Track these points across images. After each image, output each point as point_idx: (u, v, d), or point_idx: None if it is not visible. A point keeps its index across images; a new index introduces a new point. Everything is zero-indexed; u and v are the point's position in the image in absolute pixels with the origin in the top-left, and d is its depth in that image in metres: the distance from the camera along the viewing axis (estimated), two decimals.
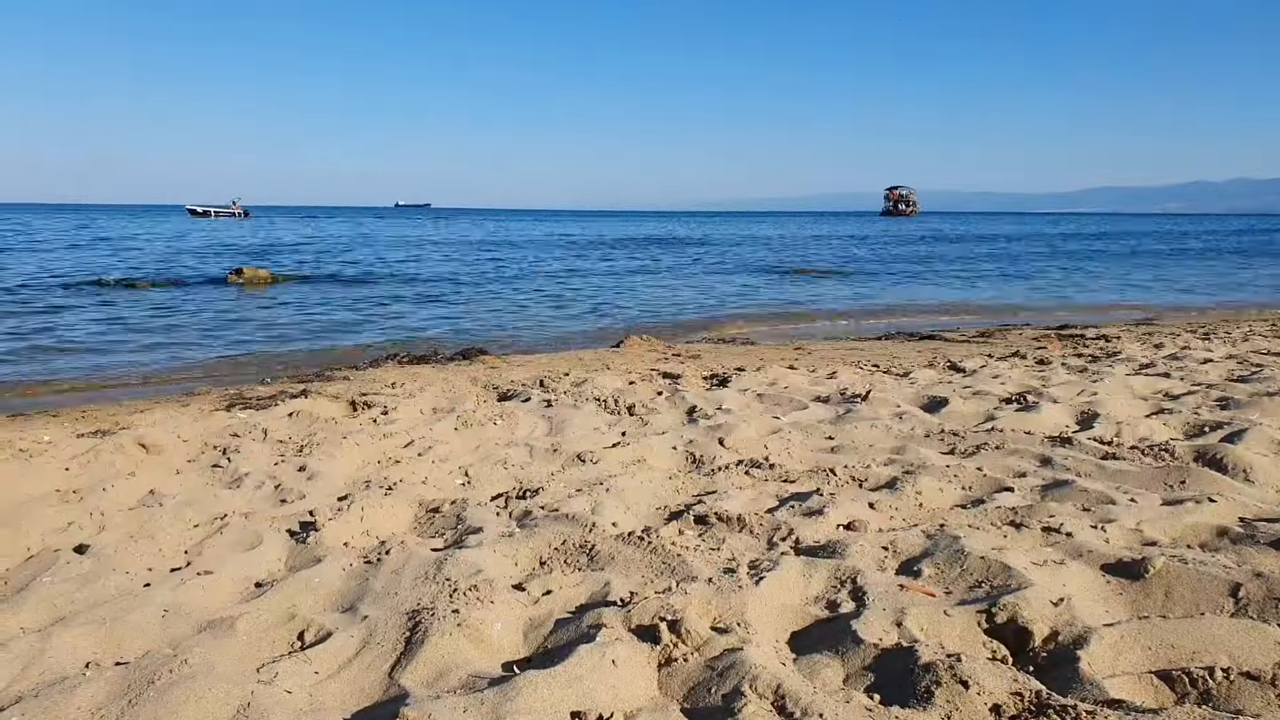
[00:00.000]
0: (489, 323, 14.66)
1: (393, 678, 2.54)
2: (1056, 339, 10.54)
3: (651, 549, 3.43)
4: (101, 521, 3.83)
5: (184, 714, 2.28)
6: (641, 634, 2.72)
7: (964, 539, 3.37)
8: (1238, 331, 10.88)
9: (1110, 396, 6.26)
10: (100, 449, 4.96)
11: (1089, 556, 3.22)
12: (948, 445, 5.06)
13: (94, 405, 7.20)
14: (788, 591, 3.06)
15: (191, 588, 3.13)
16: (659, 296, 19.29)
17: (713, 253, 37.86)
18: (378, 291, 19.65)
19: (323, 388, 7.24)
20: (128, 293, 18.15)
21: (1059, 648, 2.61)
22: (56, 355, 10.72)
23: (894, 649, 2.60)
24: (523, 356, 10.06)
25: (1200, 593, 2.92)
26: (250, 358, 10.76)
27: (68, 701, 2.31)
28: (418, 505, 4.14)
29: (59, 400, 8.09)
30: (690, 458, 5.02)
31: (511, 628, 2.83)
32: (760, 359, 9.23)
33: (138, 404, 7.14)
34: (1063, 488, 4.09)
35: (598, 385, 7.18)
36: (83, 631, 2.74)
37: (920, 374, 7.60)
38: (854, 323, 14.99)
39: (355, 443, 5.25)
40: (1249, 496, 3.96)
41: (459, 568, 3.21)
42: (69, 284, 19.24)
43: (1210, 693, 2.36)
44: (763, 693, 2.37)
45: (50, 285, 18.91)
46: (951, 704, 2.30)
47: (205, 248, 35.44)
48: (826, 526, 3.71)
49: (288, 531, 3.78)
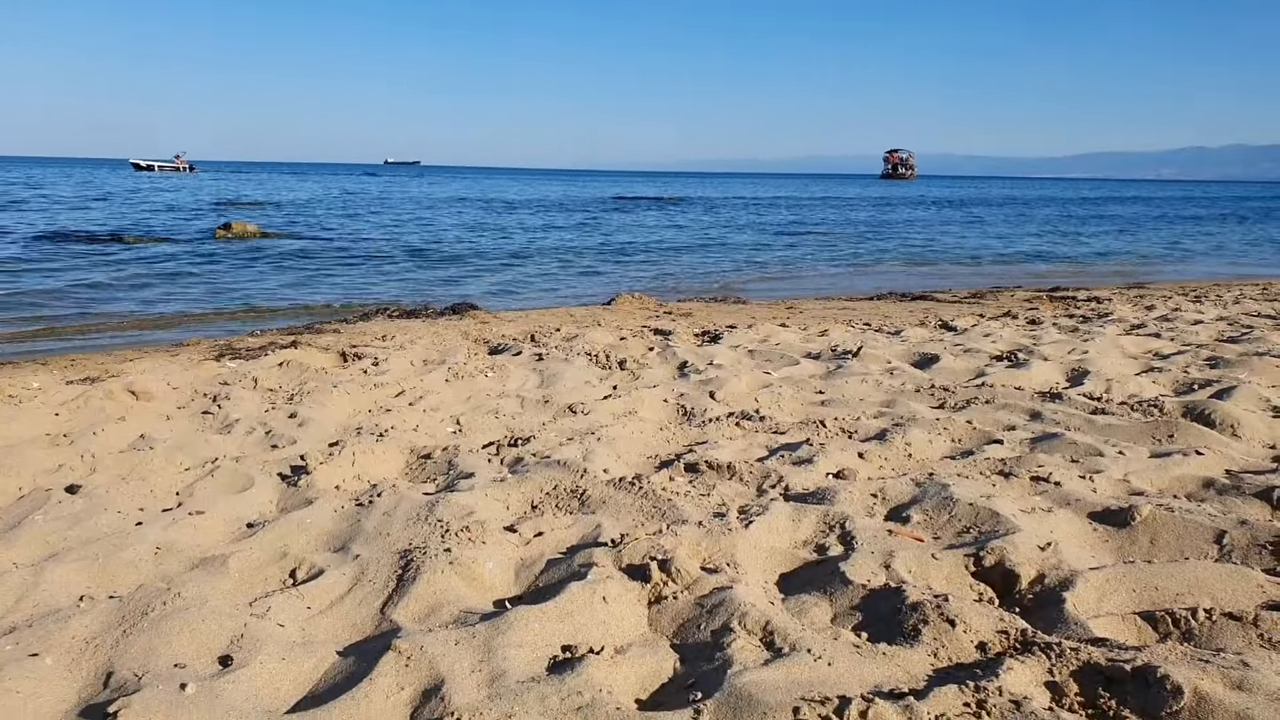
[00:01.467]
0: (479, 279, 14.59)
1: (384, 613, 2.56)
2: (1048, 300, 10.56)
3: (642, 494, 3.44)
4: (92, 464, 3.82)
5: (178, 644, 2.29)
6: (632, 573, 2.74)
7: (953, 487, 3.40)
8: (1229, 295, 10.92)
9: (1101, 355, 6.29)
10: (90, 395, 4.93)
11: (1077, 505, 3.25)
12: (938, 400, 5.08)
13: (83, 354, 7.16)
14: (777, 535, 3.08)
15: (183, 526, 3.13)
16: (653, 256, 19.21)
17: (710, 213, 37.66)
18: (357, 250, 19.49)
19: (313, 339, 7.21)
20: (117, 246, 17.98)
21: (1045, 590, 2.65)
22: (43, 305, 10.64)
23: (882, 589, 2.63)
24: (513, 312, 10.03)
25: (1185, 539, 2.95)
26: (238, 311, 10.70)
27: (62, 630, 2.32)
28: (409, 452, 4.15)
29: (48, 348, 8.04)
30: (681, 410, 5.02)
31: (503, 567, 2.85)
32: (752, 317, 9.23)
33: (126, 353, 7.10)
34: (1052, 440, 4.12)
35: (589, 340, 7.18)
36: (75, 566, 2.75)
37: (911, 332, 7.61)
38: (849, 280, 14.99)
39: (346, 392, 5.24)
40: (1236, 450, 4.00)
41: (451, 509, 3.22)
42: (52, 236, 19.03)
43: (1192, 632, 2.39)
44: (751, 629, 2.40)
45: (30, 239, 18.70)
46: (938, 641, 2.33)
47: (180, 202, 34.56)
48: (816, 475, 3.73)
49: (279, 475, 3.78)
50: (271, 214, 30.02)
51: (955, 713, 1.96)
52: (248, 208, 33.06)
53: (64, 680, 2.15)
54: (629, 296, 10.74)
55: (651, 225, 29.90)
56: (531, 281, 14.62)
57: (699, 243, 23.09)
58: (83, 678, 2.17)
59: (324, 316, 10.05)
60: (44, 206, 29.65)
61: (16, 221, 23.20)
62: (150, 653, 2.25)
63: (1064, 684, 2.11)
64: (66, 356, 6.99)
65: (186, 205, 32.90)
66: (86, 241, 18.53)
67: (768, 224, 31.37)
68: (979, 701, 1.99)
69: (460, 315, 9.28)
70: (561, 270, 16.52)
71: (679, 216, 35.31)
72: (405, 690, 2.11)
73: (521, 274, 15.80)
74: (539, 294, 13.06)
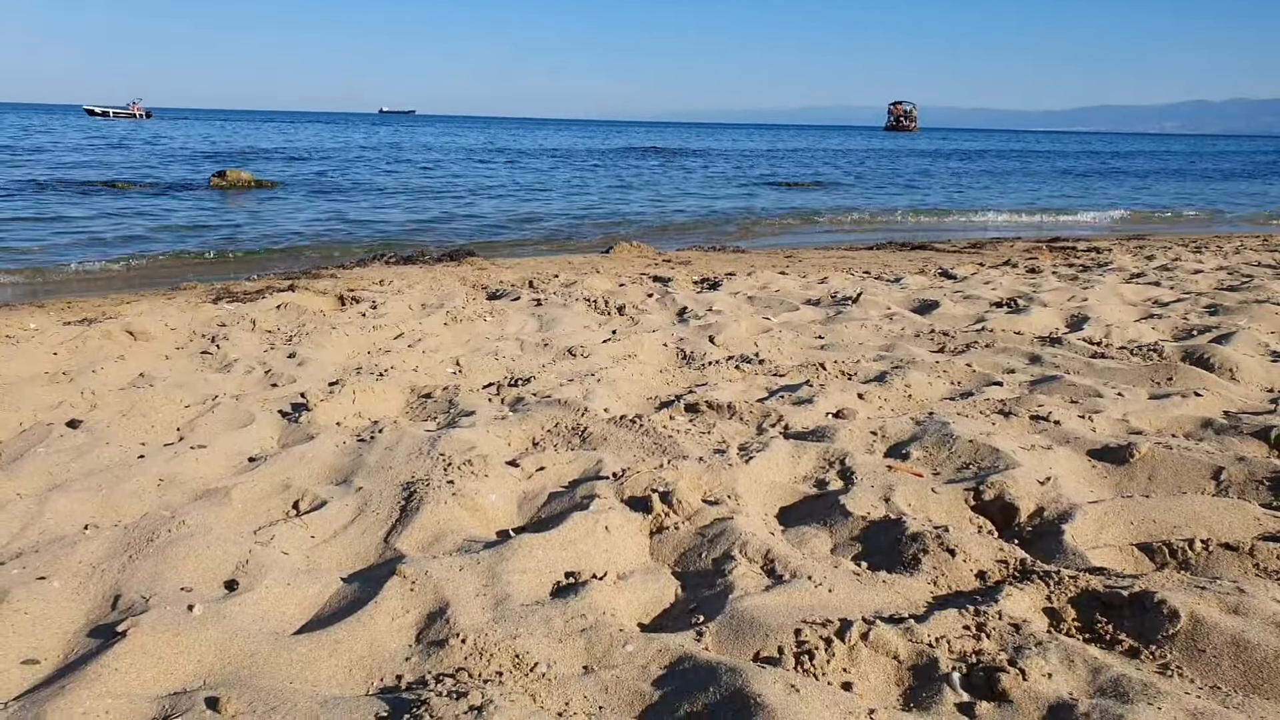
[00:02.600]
0: (476, 226, 14.47)
1: (388, 542, 2.58)
2: (1048, 250, 10.52)
3: (643, 431, 3.45)
4: (92, 400, 3.82)
5: (183, 569, 2.31)
6: (634, 504, 2.75)
7: (953, 425, 3.41)
8: (1229, 245, 10.88)
9: (1100, 302, 6.28)
10: (88, 335, 4.92)
11: (1076, 443, 3.27)
12: (937, 344, 5.08)
13: (79, 298, 7.12)
14: (777, 470, 3.10)
15: (185, 460, 3.14)
16: (652, 205, 19.06)
17: (709, 164, 37.22)
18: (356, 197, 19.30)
19: (310, 284, 7.17)
20: (110, 194, 17.80)
21: (1044, 523, 2.67)
22: (37, 251, 10.55)
23: (881, 521, 2.65)
24: (511, 259, 9.98)
25: (1183, 476, 2.97)
26: (234, 257, 10.64)
27: (68, 556, 2.34)
28: (409, 391, 4.15)
29: (44, 291, 7.99)
30: (681, 354, 5.02)
31: (506, 499, 2.87)
32: (751, 265, 9.19)
33: (123, 296, 7.06)
34: (1051, 382, 4.13)
35: (587, 286, 7.15)
36: (79, 497, 2.75)
37: (911, 280, 7.59)
38: (848, 234, 14.90)
39: (345, 333, 5.23)
40: (1234, 393, 4.01)
41: (453, 444, 3.23)
42: (42, 183, 18.83)
43: (1189, 562, 2.42)
44: (752, 557, 2.42)
45: (25, 186, 18.49)
46: (938, 570, 2.35)
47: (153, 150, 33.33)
48: (815, 414, 3.74)
49: (279, 412, 3.78)
50: (298, 167, 27.59)
51: (955, 635, 1.98)
52: (265, 160, 30.24)
53: (72, 602, 2.16)
54: (627, 245, 10.68)
55: (650, 174, 29.63)
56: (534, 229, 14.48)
57: (697, 192, 22.90)
58: (90, 600, 2.19)
59: (321, 261, 9.99)
60: (24, 152, 29.05)
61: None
62: (156, 577, 2.27)
63: (1062, 610, 2.14)
64: (62, 299, 6.96)
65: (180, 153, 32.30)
66: (79, 189, 18.33)
67: (767, 175, 31.08)
68: (979, 625, 2.02)
69: (458, 262, 9.23)
70: (556, 216, 16.37)
71: (679, 166, 34.96)
72: (410, 613, 2.13)
73: (521, 219, 15.64)
74: (538, 241, 12.96)
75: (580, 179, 26.52)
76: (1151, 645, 1.98)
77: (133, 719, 1.74)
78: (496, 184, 23.83)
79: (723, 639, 2.02)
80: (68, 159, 26.94)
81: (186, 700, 1.79)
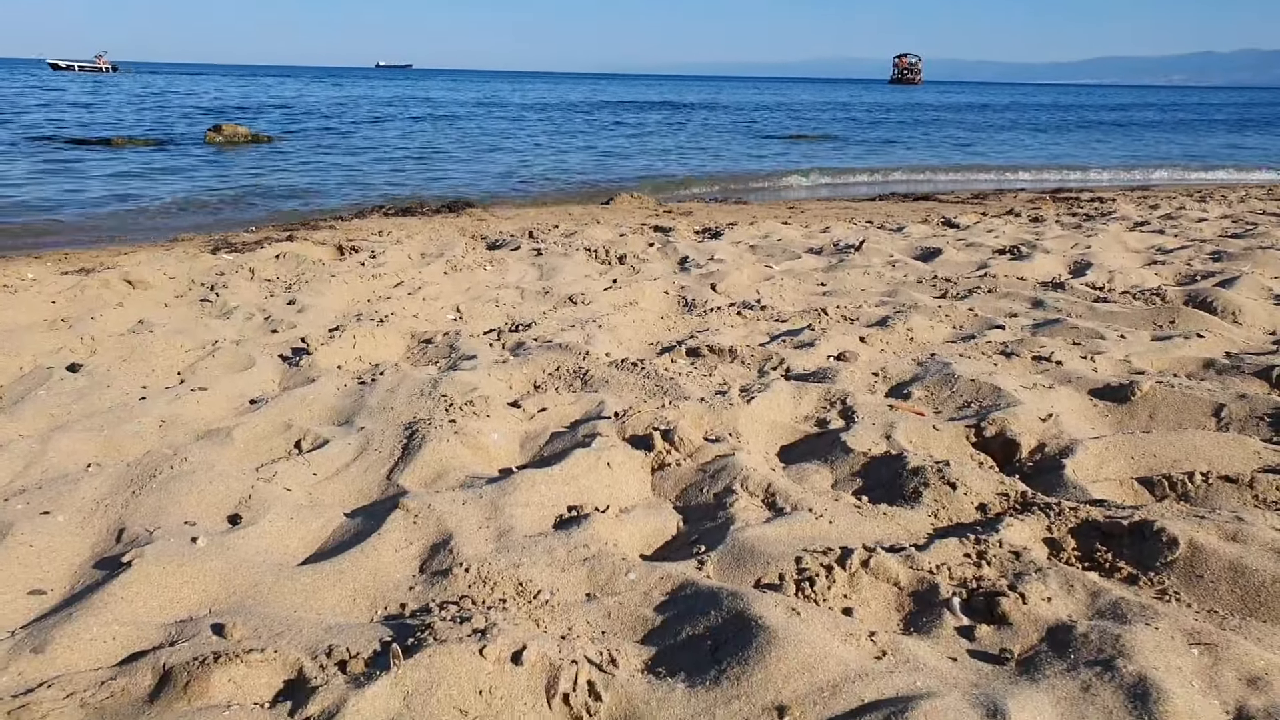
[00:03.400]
0: (474, 178, 14.35)
1: (391, 479, 2.59)
2: (1051, 200, 10.44)
3: (645, 374, 3.45)
4: (92, 345, 3.81)
5: (186, 504, 2.32)
6: (635, 442, 2.76)
7: (954, 365, 3.40)
8: (1234, 195, 10.80)
9: (1103, 249, 6.24)
10: (86, 284, 4.90)
11: (1078, 382, 3.26)
12: (940, 290, 5.06)
13: (76, 250, 7.08)
14: (778, 410, 3.10)
15: (187, 402, 3.14)
16: (655, 159, 18.88)
17: (713, 118, 36.73)
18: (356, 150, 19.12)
19: (308, 234, 7.13)
20: (107, 150, 17.62)
21: (1045, 458, 2.67)
22: (33, 209, 10.47)
23: (882, 457, 2.65)
24: (510, 210, 9.91)
25: (1185, 413, 2.97)
26: (231, 207, 10.56)
27: (72, 492, 2.35)
28: (410, 337, 4.14)
29: (40, 244, 7.94)
30: (682, 300, 5.00)
31: (508, 438, 2.87)
32: (753, 216, 9.13)
33: (120, 248, 7.03)
34: (1053, 325, 4.12)
35: (588, 236, 7.10)
36: (82, 437, 2.76)
37: (914, 229, 7.54)
38: (849, 188, 14.78)
39: (344, 281, 5.20)
40: (1237, 335, 4.00)
41: (454, 386, 3.23)
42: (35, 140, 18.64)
43: (1189, 495, 2.43)
44: (753, 491, 2.43)
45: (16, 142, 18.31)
46: (939, 502, 2.36)
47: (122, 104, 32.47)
48: (817, 357, 3.73)
49: (279, 356, 3.77)
50: (295, 121, 26.83)
51: (956, 563, 1.99)
52: (258, 115, 29.11)
53: (77, 536, 2.18)
54: (628, 196, 10.60)
55: (653, 128, 29.31)
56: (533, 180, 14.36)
57: (700, 145, 22.66)
58: (95, 533, 2.20)
59: (319, 213, 9.92)
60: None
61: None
62: (160, 511, 2.28)
63: (1062, 540, 2.15)
64: (59, 251, 6.92)
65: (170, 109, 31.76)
66: (74, 145, 18.14)
67: (771, 128, 30.73)
68: (979, 553, 2.03)
69: (457, 213, 9.17)
70: (556, 168, 16.23)
71: (682, 120, 34.55)
72: (413, 545, 2.14)
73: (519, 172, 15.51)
74: (537, 193, 12.86)
75: (581, 133, 26.24)
76: (1150, 572, 1.99)
77: (140, 644, 1.75)
78: (496, 136, 23.60)
79: (724, 567, 2.03)
80: (55, 116, 26.56)
81: (192, 627, 1.80)
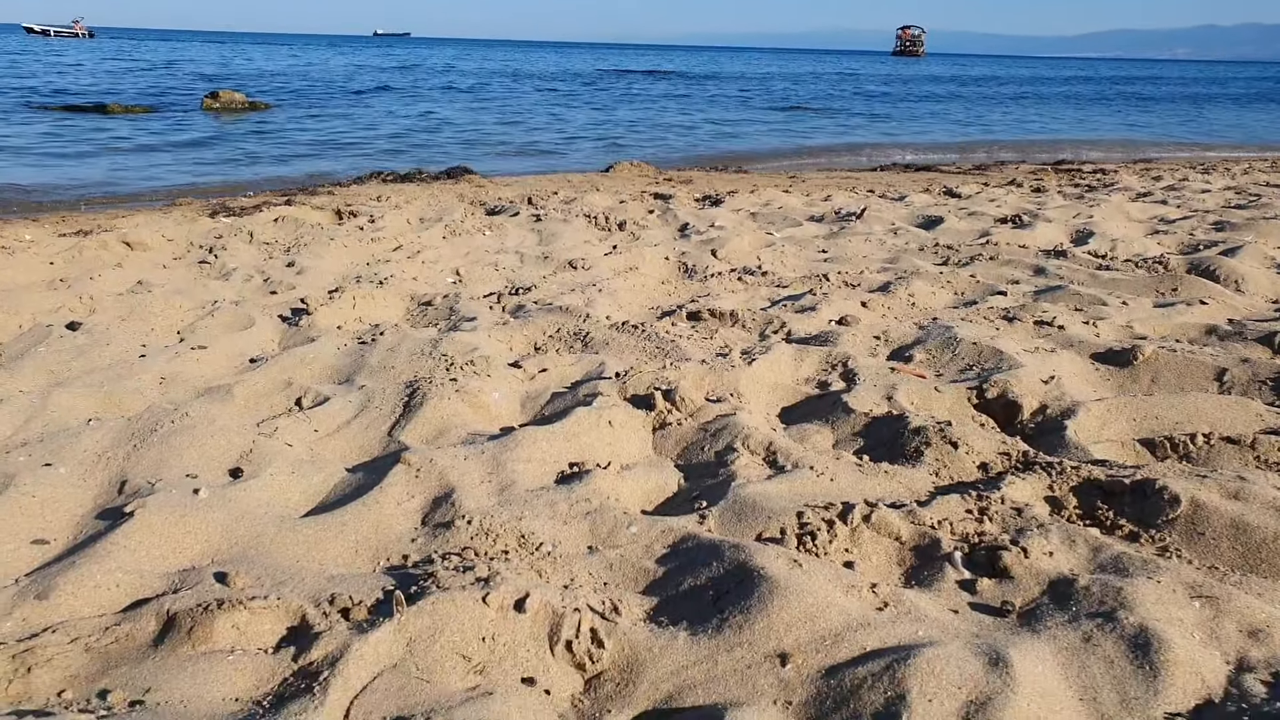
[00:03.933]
0: (472, 144, 14.26)
1: (392, 435, 2.58)
2: (1053, 172, 10.39)
3: (645, 336, 3.44)
4: (91, 305, 3.80)
5: (188, 457, 2.32)
6: (636, 402, 2.76)
7: (956, 329, 3.40)
8: (1238, 168, 10.74)
9: (1106, 219, 6.22)
10: (84, 246, 4.87)
11: (1080, 346, 3.26)
12: (941, 257, 5.04)
13: (73, 213, 7.03)
14: (779, 372, 3.09)
15: (187, 360, 3.13)
16: (652, 129, 18.75)
17: (716, 88, 36.39)
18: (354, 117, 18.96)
19: (307, 199, 7.08)
20: (101, 116, 17.47)
21: (1046, 419, 2.67)
22: (32, 171, 10.39)
23: (884, 417, 2.65)
24: (509, 177, 9.84)
25: (1186, 377, 2.97)
26: (231, 174, 10.50)
27: (74, 445, 2.34)
28: (409, 299, 4.12)
29: (39, 209, 7.89)
30: (683, 266, 4.98)
31: (509, 398, 2.86)
32: (754, 184, 9.08)
33: (118, 211, 6.98)
34: (1055, 291, 4.11)
35: (587, 203, 7.06)
36: (82, 393, 2.75)
37: (916, 198, 7.50)
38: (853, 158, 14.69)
39: (343, 245, 5.18)
40: (1239, 302, 3.99)
41: (455, 346, 3.22)
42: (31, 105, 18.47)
43: (1190, 455, 2.43)
44: (754, 449, 2.43)
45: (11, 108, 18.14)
46: (940, 461, 2.36)
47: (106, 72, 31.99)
48: (818, 321, 3.72)
49: (279, 316, 3.76)
50: (290, 88, 26.11)
51: (957, 518, 2.00)
52: (254, 81, 29.21)
53: (78, 487, 2.17)
54: (628, 164, 10.53)
55: (654, 98, 29.06)
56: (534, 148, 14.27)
57: (702, 115, 22.49)
58: (97, 485, 2.20)
59: (318, 178, 9.86)
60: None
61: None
62: (161, 464, 2.28)
63: (1064, 498, 2.15)
64: (57, 214, 6.88)
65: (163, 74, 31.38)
66: (68, 111, 17.98)
67: (774, 99, 30.48)
68: (981, 509, 2.03)
69: (455, 179, 9.11)
70: (556, 137, 16.12)
71: (684, 90, 34.24)
72: (416, 499, 2.14)
73: (520, 139, 15.41)
74: (537, 160, 12.78)
75: (582, 102, 26.03)
76: (1151, 529, 2.00)
77: (143, 592, 1.76)
78: (495, 105, 23.40)
79: (725, 521, 2.03)
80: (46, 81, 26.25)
81: (195, 575, 1.81)
